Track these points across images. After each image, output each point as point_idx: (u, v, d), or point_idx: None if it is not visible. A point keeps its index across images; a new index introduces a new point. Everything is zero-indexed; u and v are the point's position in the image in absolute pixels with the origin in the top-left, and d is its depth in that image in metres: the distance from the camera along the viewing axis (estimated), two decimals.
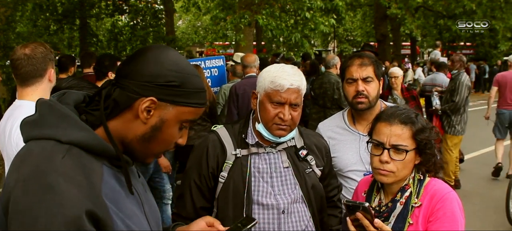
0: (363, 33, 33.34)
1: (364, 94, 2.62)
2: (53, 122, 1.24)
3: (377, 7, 21.45)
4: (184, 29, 38.88)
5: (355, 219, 1.87)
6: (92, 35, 20.09)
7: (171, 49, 1.38)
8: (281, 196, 2.25)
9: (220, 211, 2.26)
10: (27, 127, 1.28)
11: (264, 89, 2.21)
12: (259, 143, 2.28)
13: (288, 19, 13.18)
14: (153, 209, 1.49)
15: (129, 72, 1.31)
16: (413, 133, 1.92)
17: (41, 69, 2.75)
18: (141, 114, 1.29)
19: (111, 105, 1.31)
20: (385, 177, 1.95)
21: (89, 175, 1.19)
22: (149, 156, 1.39)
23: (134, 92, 1.29)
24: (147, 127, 1.32)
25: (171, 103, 1.31)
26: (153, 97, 1.28)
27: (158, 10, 20.56)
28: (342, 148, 2.72)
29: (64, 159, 1.17)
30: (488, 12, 17.85)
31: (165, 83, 1.29)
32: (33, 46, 2.77)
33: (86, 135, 1.24)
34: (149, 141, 1.33)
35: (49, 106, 1.27)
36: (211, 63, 7.45)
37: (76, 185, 1.14)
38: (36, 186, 1.11)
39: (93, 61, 6.76)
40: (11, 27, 11.81)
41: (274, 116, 2.19)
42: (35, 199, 1.10)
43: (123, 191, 1.30)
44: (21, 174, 1.15)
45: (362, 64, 2.65)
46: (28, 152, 1.21)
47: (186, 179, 2.33)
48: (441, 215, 1.87)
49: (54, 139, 1.21)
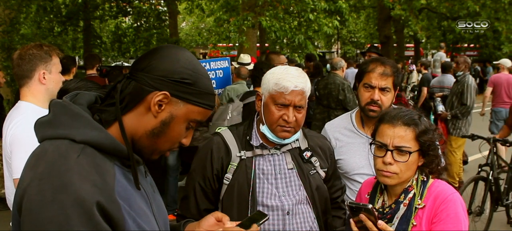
0: (366, 35, 33.28)
1: (378, 104, 2.59)
2: (67, 121, 1.26)
3: (380, 8, 21.42)
4: (187, 31, 38.88)
5: (358, 220, 1.88)
6: (96, 37, 20.12)
7: (187, 51, 1.43)
8: (286, 197, 2.25)
9: (225, 213, 2.26)
10: (42, 127, 1.30)
11: (269, 91, 2.22)
12: (264, 144, 2.29)
13: (291, 21, 13.17)
14: (161, 209, 1.51)
15: (145, 66, 1.34)
16: (416, 134, 1.92)
17: (27, 70, 2.76)
18: (153, 107, 1.32)
19: (126, 99, 1.33)
20: (389, 179, 1.95)
21: (102, 174, 1.21)
22: (156, 153, 1.41)
23: (149, 85, 1.32)
24: (157, 121, 1.34)
25: (183, 100, 1.34)
26: (167, 92, 1.31)
27: (161, 12, 20.56)
28: (349, 150, 2.71)
29: (79, 157, 1.19)
30: (491, 13, 17.80)
31: (179, 79, 1.32)
32: (26, 48, 2.80)
33: (99, 134, 1.26)
34: (158, 136, 1.35)
35: (63, 106, 1.29)
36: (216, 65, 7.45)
37: (91, 184, 1.16)
38: (51, 186, 1.13)
39: (97, 62, 6.82)
40: (15, 29, 11.84)
41: (278, 117, 2.19)
42: (50, 199, 1.11)
43: (133, 190, 1.33)
44: (36, 172, 1.17)
45: (383, 74, 2.60)
46: (43, 151, 1.22)
47: (191, 181, 2.34)
48: (444, 216, 1.87)
49: (68, 138, 1.23)
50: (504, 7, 17.56)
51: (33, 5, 14.65)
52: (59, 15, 17.83)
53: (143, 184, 1.41)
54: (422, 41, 31.46)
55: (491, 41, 24.34)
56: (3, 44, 10.55)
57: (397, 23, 22.69)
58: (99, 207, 1.14)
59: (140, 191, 1.36)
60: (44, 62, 2.80)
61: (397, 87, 2.68)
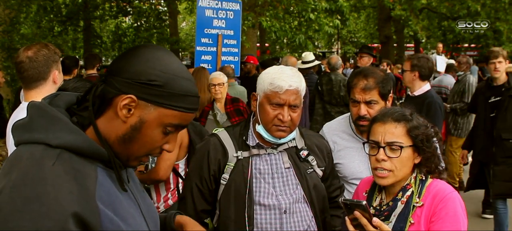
0: (366, 35, 33.28)
1: (366, 118, 2.53)
2: (43, 125, 1.21)
3: (380, 8, 21.43)
4: (187, 31, 38.88)
5: (354, 218, 1.88)
6: (96, 37, 20.15)
7: (163, 50, 1.34)
8: (283, 196, 2.25)
9: (222, 213, 2.27)
10: (18, 130, 1.25)
11: (263, 91, 2.22)
12: (260, 144, 2.29)
13: (291, 21, 13.18)
14: (151, 209, 1.47)
15: (115, 68, 1.28)
16: (407, 129, 1.94)
17: (44, 73, 2.72)
18: (120, 111, 1.25)
19: (97, 103, 1.28)
20: (384, 179, 1.95)
21: (82, 179, 1.17)
22: (131, 159, 1.33)
23: (115, 88, 1.25)
24: (127, 126, 1.27)
25: (152, 104, 1.26)
26: (132, 95, 1.24)
27: (161, 11, 20.58)
28: (348, 154, 2.70)
29: (55, 165, 1.14)
30: (492, 13, 17.80)
31: (146, 81, 1.24)
32: (36, 49, 2.72)
33: (76, 138, 1.21)
34: (130, 142, 1.28)
35: (39, 109, 1.25)
36: (228, 6, 7.31)
37: (66, 192, 1.11)
38: (23, 195, 1.08)
39: (97, 62, 6.80)
40: (15, 29, 11.84)
41: (273, 117, 2.19)
42: (21, 208, 1.06)
43: (119, 193, 1.28)
44: (9, 180, 1.12)
45: (365, 88, 2.55)
46: (18, 158, 1.18)
47: (188, 182, 2.36)
48: (443, 215, 1.87)
49: (44, 142, 1.18)
50: (504, 7, 17.56)
51: (33, 5, 14.66)
52: (59, 15, 17.84)
53: (129, 184, 1.36)
54: (422, 41, 31.44)
55: (491, 41, 24.31)
56: (3, 44, 10.54)
57: (397, 23, 22.69)
58: (75, 218, 1.09)
59: (126, 193, 1.32)
60: (56, 62, 2.78)
61: (388, 96, 2.61)
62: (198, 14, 6.94)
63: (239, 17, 7.44)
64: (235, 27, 7.29)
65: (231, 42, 7.26)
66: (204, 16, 6.95)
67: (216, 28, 7.04)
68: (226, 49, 7.19)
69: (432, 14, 23.97)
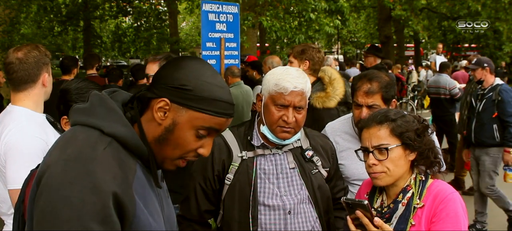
0: (366, 35, 33.27)
1: None
2: (101, 113, 1.34)
3: (381, 8, 21.43)
4: (187, 31, 38.91)
5: (355, 218, 1.88)
6: (96, 37, 20.19)
7: (201, 61, 1.44)
8: (287, 196, 2.25)
9: (226, 213, 2.27)
10: (77, 112, 1.37)
11: (268, 91, 2.22)
12: (265, 144, 2.29)
13: (292, 21, 13.18)
14: (171, 216, 1.55)
15: (157, 76, 1.41)
16: (390, 129, 1.94)
17: (34, 75, 2.58)
18: (155, 114, 1.36)
19: (139, 105, 1.41)
20: (379, 180, 1.96)
21: (124, 168, 1.29)
22: (166, 161, 1.42)
23: (153, 92, 1.37)
24: (162, 128, 1.37)
25: (184, 107, 1.35)
26: (166, 99, 1.35)
27: (162, 11, 20.59)
28: (350, 155, 2.68)
29: (106, 150, 1.27)
30: (492, 13, 17.82)
31: (178, 86, 1.34)
32: (26, 50, 2.58)
33: (127, 131, 1.33)
34: (164, 143, 1.38)
35: (101, 99, 1.37)
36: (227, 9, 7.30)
37: (111, 175, 1.23)
38: (76, 169, 1.20)
39: (96, 62, 6.78)
40: (16, 29, 11.86)
41: (278, 118, 2.19)
42: (73, 180, 1.18)
43: (150, 190, 1.39)
44: (64, 153, 1.25)
45: (369, 92, 2.55)
46: (74, 136, 1.30)
47: (191, 182, 2.35)
48: (444, 215, 1.87)
49: (98, 128, 1.31)
50: (504, 7, 17.58)
51: (33, 5, 14.68)
52: (59, 15, 17.86)
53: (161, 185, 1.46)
54: (422, 41, 31.45)
55: (491, 41, 24.33)
56: (3, 44, 10.56)
57: (397, 23, 22.69)
58: (115, 198, 1.21)
59: (155, 192, 1.42)
60: (47, 64, 2.65)
61: (390, 101, 2.61)
62: (203, 19, 6.91)
63: (237, 20, 7.44)
64: (234, 30, 7.29)
65: (231, 45, 7.25)
66: (208, 20, 6.92)
67: (219, 31, 7.02)
68: (228, 52, 7.18)
69: (432, 14, 23.99)
